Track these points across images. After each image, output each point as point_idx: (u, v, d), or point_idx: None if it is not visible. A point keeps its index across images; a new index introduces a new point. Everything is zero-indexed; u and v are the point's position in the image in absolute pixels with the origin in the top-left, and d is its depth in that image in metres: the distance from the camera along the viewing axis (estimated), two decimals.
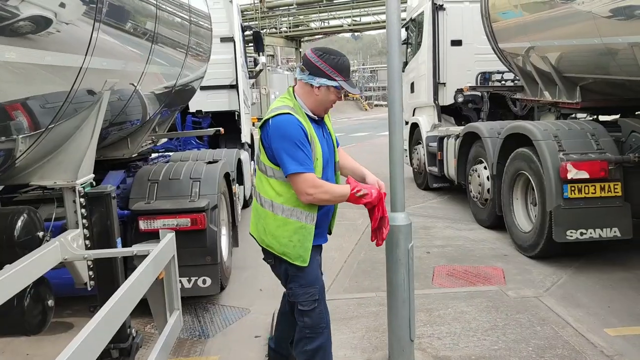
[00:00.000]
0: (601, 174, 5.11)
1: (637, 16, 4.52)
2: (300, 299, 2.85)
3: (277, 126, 2.70)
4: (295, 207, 2.76)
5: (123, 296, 2.28)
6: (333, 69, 2.74)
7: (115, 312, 2.17)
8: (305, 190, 2.66)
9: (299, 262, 2.80)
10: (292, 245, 2.78)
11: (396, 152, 3.24)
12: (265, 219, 2.85)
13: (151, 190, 4.82)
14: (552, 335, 3.71)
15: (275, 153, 2.71)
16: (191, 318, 4.61)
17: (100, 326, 1.99)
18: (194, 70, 6.02)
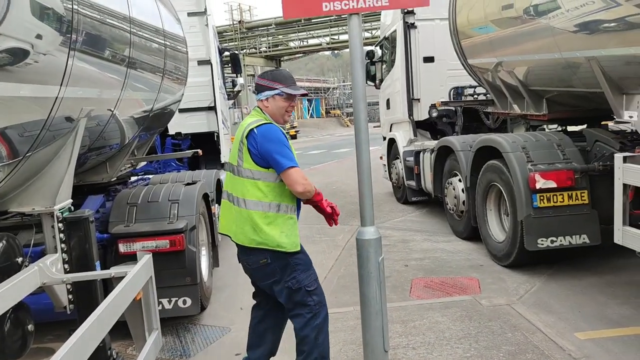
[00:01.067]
0: (568, 183, 5.29)
1: (593, 32, 4.74)
2: (305, 282, 3.22)
3: (263, 133, 3.11)
4: (280, 202, 3.15)
5: (100, 316, 2.36)
6: (270, 80, 3.27)
7: (92, 332, 2.25)
8: (299, 180, 3.09)
9: (292, 248, 3.17)
10: (285, 235, 3.14)
11: (364, 170, 3.36)
12: (253, 219, 3.14)
13: (130, 213, 4.89)
14: (523, 341, 3.84)
15: (265, 156, 3.09)
16: (172, 338, 4.66)
17: (77, 346, 2.07)
18: (171, 94, 6.13)
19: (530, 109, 6.66)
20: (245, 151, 3.14)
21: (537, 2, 5.44)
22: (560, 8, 5.09)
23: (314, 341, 3.25)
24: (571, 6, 4.92)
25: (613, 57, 4.62)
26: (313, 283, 3.26)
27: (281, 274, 3.21)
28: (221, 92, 8.98)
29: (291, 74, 3.42)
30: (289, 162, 3.08)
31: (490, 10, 6.50)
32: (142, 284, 3.07)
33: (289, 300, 3.28)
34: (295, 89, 3.27)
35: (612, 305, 4.72)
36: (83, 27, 3.19)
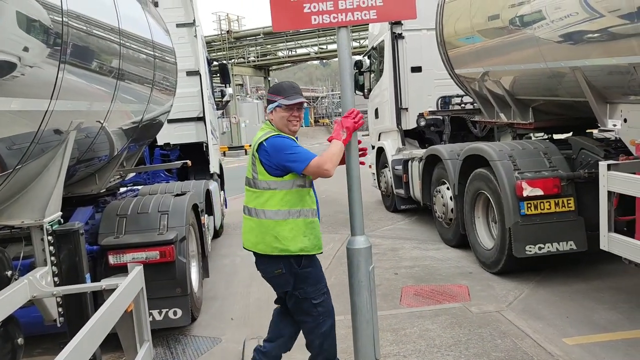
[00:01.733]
0: (554, 190, 5.36)
1: (577, 42, 4.83)
2: (312, 295, 3.35)
3: (272, 144, 3.25)
4: (301, 208, 3.28)
5: (92, 329, 2.36)
6: (271, 94, 3.42)
7: (83, 344, 2.25)
8: (323, 168, 3.17)
9: (315, 251, 3.32)
10: (308, 239, 3.27)
11: (353, 179, 3.40)
12: (274, 228, 3.25)
13: (120, 224, 4.89)
14: (512, 347, 3.88)
15: (279, 165, 3.22)
16: (163, 349, 4.65)
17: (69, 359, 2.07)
18: (160, 105, 6.13)
19: (517, 118, 6.74)
20: (259, 164, 3.28)
21: (523, 13, 5.53)
22: (545, 19, 5.19)
23: (319, 347, 3.42)
24: (556, 17, 5.02)
25: (596, 67, 4.71)
26: (320, 296, 3.37)
27: (292, 283, 3.35)
28: (210, 102, 9.00)
29: (293, 85, 3.48)
30: (303, 162, 3.19)
31: (477, 20, 6.60)
32: (133, 295, 3.07)
33: (295, 308, 3.43)
34: (292, 99, 3.32)
35: (600, 311, 4.77)
36: (73, 40, 3.20)
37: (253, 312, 5.46)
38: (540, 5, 5.20)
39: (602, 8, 4.30)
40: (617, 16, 4.19)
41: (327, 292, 3.45)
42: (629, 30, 4.12)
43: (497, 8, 6.08)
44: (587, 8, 4.47)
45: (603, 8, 4.29)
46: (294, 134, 3.40)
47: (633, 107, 4.71)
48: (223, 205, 9.44)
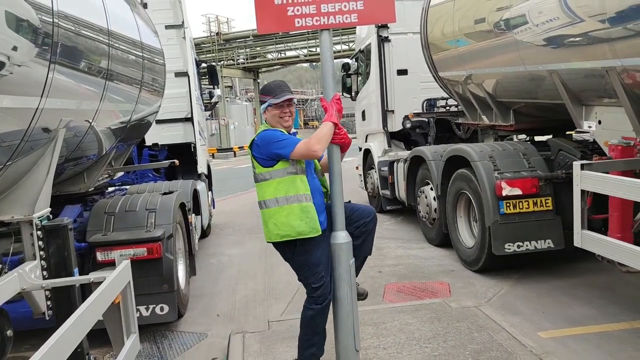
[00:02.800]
0: (533, 190, 5.52)
1: (554, 46, 5.00)
2: (311, 280, 3.50)
3: (262, 137, 3.49)
4: (293, 194, 3.43)
5: (79, 318, 2.46)
6: (262, 95, 3.65)
7: (70, 332, 2.35)
8: (312, 149, 3.36)
9: (314, 233, 3.41)
10: (305, 223, 3.39)
11: (335, 176, 3.52)
12: (274, 216, 3.45)
13: (108, 222, 4.98)
14: (488, 340, 4.02)
15: (269, 155, 3.43)
16: (150, 345, 4.74)
17: (56, 347, 2.15)
18: (148, 105, 6.23)
19: (498, 120, 6.91)
20: (253, 159, 3.55)
21: (503, 18, 5.70)
22: (524, 24, 5.36)
23: (311, 320, 3.55)
24: (534, 23, 5.18)
25: (572, 70, 4.88)
26: (319, 280, 3.49)
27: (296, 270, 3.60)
28: (198, 103, 9.08)
29: (280, 83, 3.67)
30: (290, 147, 3.38)
31: (459, 25, 6.76)
32: (121, 288, 3.17)
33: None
34: (280, 97, 3.51)
35: (575, 306, 4.94)
36: (63, 40, 3.30)
37: (239, 308, 5.56)
38: (520, 11, 5.37)
39: (581, 13, 4.45)
40: (592, 22, 4.36)
41: (326, 276, 3.51)
42: (602, 35, 4.29)
43: (479, 13, 6.25)
44: (566, 14, 4.62)
45: (582, 13, 4.45)
46: (288, 129, 3.58)
47: (607, 110, 4.89)
48: (211, 205, 9.53)
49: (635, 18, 3.94)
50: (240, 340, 4.31)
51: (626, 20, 4.03)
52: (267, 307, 5.50)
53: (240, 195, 14.28)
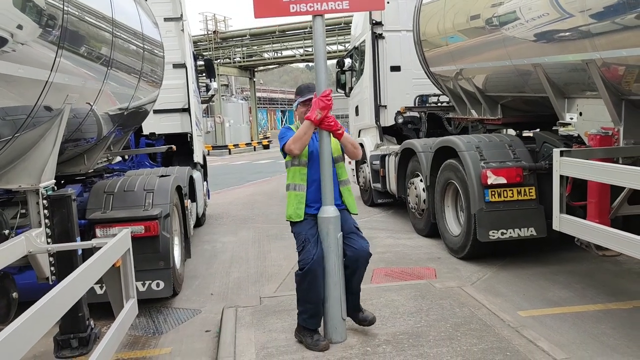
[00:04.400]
0: (517, 179, 5.75)
1: (539, 40, 5.23)
2: (298, 249, 3.89)
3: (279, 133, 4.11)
4: (292, 182, 3.94)
5: (80, 274, 2.64)
6: (296, 95, 4.18)
7: (71, 288, 2.50)
8: (289, 148, 3.83)
9: (294, 218, 3.89)
10: (292, 209, 3.90)
11: (325, 156, 3.73)
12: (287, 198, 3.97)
13: (107, 201, 5.16)
14: (469, 315, 4.22)
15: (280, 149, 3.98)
16: (146, 319, 4.92)
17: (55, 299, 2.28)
18: (146, 94, 6.41)
19: (487, 114, 7.14)
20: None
21: (492, 15, 5.93)
22: (512, 22, 5.59)
23: (298, 285, 3.88)
24: (521, 20, 5.41)
25: (555, 63, 5.11)
26: (299, 245, 3.87)
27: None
28: (195, 95, 9.28)
29: (309, 85, 4.14)
30: (281, 144, 3.94)
31: (451, 22, 6.99)
32: (121, 253, 3.37)
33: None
34: (304, 96, 3.99)
35: (554, 290, 5.16)
36: (71, 25, 3.49)
37: (232, 288, 5.76)
38: (509, 8, 5.60)
39: (564, 9, 4.68)
40: (574, 17, 4.58)
41: (307, 244, 3.81)
42: (583, 30, 4.51)
43: (470, 10, 6.47)
44: (555, 9, 4.82)
45: (565, 9, 4.67)
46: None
47: (587, 102, 5.12)
48: (206, 195, 9.71)
49: (614, 13, 4.17)
50: (233, 313, 4.50)
51: (605, 15, 4.26)
52: (260, 287, 5.70)
53: (234, 189, 14.47)
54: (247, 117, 36.97)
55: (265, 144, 35.80)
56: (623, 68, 4.39)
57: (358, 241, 3.92)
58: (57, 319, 2.43)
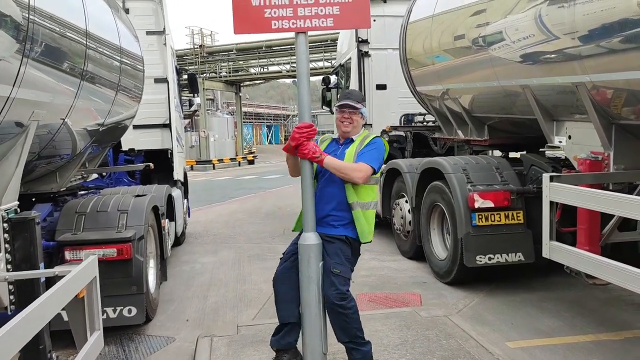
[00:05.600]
0: (505, 203, 5.60)
1: (527, 62, 5.13)
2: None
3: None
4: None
5: (39, 307, 2.41)
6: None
7: (28, 321, 2.29)
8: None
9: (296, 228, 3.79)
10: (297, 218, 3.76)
11: (306, 177, 3.53)
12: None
13: (78, 221, 4.92)
14: (456, 347, 4.03)
15: None
16: (116, 347, 4.66)
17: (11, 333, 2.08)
18: (124, 109, 6.19)
19: (473, 135, 7.02)
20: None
21: (480, 35, 5.83)
22: (500, 42, 5.49)
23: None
24: (509, 40, 5.31)
25: (544, 85, 5.00)
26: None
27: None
28: (177, 110, 9.07)
29: (349, 91, 4.00)
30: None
31: (438, 41, 6.88)
32: (86, 282, 3.12)
33: None
34: (339, 102, 3.80)
35: (543, 318, 4.99)
36: (38, 36, 3.28)
37: (209, 314, 5.51)
38: (497, 28, 5.50)
39: (554, 31, 4.57)
40: (564, 39, 4.48)
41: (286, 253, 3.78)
42: (573, 52, 4.40)
43: (457, 30, 6.37)
44: (541, 31, 4.74)
45: (554, 31, 4.57)
46: (344, 135, 3.75)
47: (577, 125, 5.01)
48: (186, 213, 9.45)
49: (603, 36, 4.06)
50: (208, 344, 4.27)
51: (595, 38, 4.15)
52: (238, 313, 5.46)
53: (216, 206, 14.20)
54: (232, 132, 36.73)
55: (250, 159, 35.56)
56: (613, 91, 4.28)
57: (324, 287, 3.53)
58: (16, 352, 2.21)
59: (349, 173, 3.54)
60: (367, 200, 3.64)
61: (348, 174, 3.54)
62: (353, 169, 3.56)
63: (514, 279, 6.15)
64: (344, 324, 3.54)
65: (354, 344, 3.57)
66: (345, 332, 3.56)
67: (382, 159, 3.73)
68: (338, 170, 3.55)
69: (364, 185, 3.61)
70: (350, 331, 3.56)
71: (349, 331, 3.56)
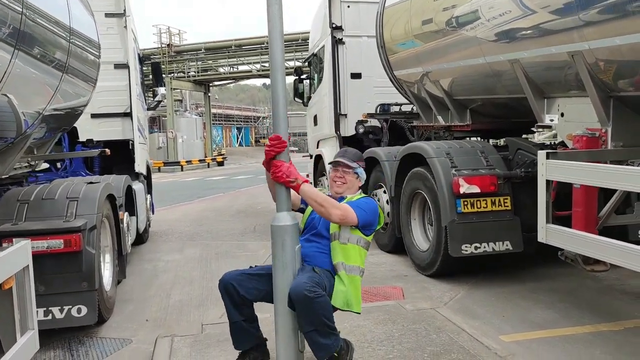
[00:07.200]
0: (491, 188, 5.23)
1: (515, 38, 4.77)
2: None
3: None
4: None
5: None
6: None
7: None
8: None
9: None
10: None
11: (280, 119, 3.09)
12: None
13: (20, 211, 4.36)
14: (448, 342, 3.62)
15: None
16: (63, 352, 4.10)
17: None
18: (74, 93, 5.58)
19: (455, 120, 6.66)
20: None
21: (459, 14, 5.47)
22: (482, 18, 5.13)
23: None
24: (493, 15, 4.96)
25: (536, 57, 4.63)
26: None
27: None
28: (139, 99, 8.49)
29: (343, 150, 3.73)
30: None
31: (418, 21, 6.49)
32: (15, 271, 2.60)
33: None
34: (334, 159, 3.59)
35: (535, 310, 4.62)
36: None
37: (172, 313, 4.97)
38: (477, 5, 5.14)
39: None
40: (548, 12, 4.15)
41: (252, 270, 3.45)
42: (570, 19, 4.04)
43: (438, 9, 5.99)
44: (522, 5, 4.42)
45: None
46: (336, 195, 3.47)
47: (570, 101, 4.67)
48: (149, 210, 8.86)
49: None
50: (168, 344, 3.77)
51: (596, 1, 3.80)
52: (204, 312, 4.93)
53: (183, 205, 13.60)
54: (201, 133, 35.94)
55: (220, 161, 34.85)
56: (613, 59, 3.93)
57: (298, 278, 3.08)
58: None
59: (327, 208, 3.16)
60: (342, 261, 3.27)
61: (327, 208, 3.16)
62: (333, 205, 3.20)
63: (500, 270, 5.78)
64: (309, 310, 2.97)
65: (318, 332, 3.00)
66: (310, 319, 2.99)
67: (370, 219, 3.33)
68: (316, 202, 3.17)
69: (353, 246, 3.28)
70: (316, 318, 2.99)
71: (314, 318, 2.99)
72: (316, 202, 3.15)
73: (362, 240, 3.32)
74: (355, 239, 3.29)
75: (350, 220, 3.20)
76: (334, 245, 3.27)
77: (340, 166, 3.48)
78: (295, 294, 2.96)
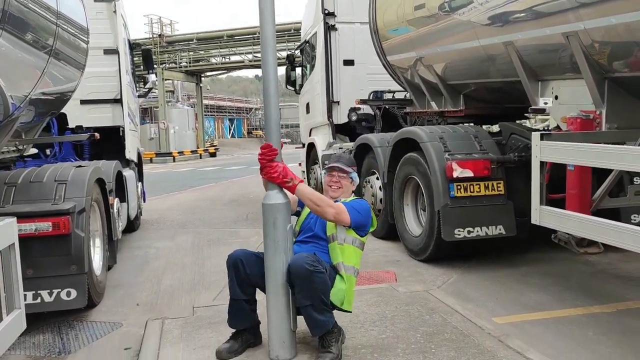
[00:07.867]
0: (485, 173, 5.21)
1: (509, 21, 4.73)
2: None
3: None
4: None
5: None
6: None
7: None
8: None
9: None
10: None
11: (272, 123, 3.03)
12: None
13: (7, 194, 4.30)
14: (441, 323, 3.60)
15: None
16: (52, 335, 4.05)
17: None
18: (61, 77, 5.47)
19: (448, 106, 6.63)
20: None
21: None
22: (473, 2, 5.10)
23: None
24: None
25: (530, 40, 4.60)
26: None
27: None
28: (130, 85, 8.39)
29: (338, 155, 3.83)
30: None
31: (411, 6, 6.44)
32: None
33: None
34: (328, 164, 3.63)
35: (528, 293, 4.62)
36: None
37: (163, 297, 4.93)
38: None
39: None
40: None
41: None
42: (565, 4, 4.01)
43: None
44: None
45: None
46: (333, 198, 3.45)
47: (564, 83, 4.64)
48: (140, 198, 8.78)
49: None
50: (159, 327, 3.72)
51: None
52: (195, 296, 4.90)
53: (175, 195, 13.52)
54: (193, 124, 35.74)
55: (212, 152, 34.69)
56: (610, 40, 3.89)
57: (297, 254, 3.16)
58: None
59: (323, 207, 3.22)
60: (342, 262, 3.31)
61: (322, 207, 3.22)
62: (328, 204, 3.26)
63: (492, 255, 5.76)
64: (308, 284, 3.00)
65: (314, 307, 3.04)
66: (308, 293, 3.02)
67: (363, 219, 3.35)
68: (312, 201, 3.22)
69: (349, 246, 3.32)
70: (314, 293, 3.02)
71: (312, 292, 3.02)
72: (312, 201, 3.22)
73: (357, 240, 3.38)
74: (351, 239, 3.34)
75: (343, 218, 3.25)
76: (332, 246, 3.32)
77: (335, 171, 3.53)
78: (296, 267, 3.00)
